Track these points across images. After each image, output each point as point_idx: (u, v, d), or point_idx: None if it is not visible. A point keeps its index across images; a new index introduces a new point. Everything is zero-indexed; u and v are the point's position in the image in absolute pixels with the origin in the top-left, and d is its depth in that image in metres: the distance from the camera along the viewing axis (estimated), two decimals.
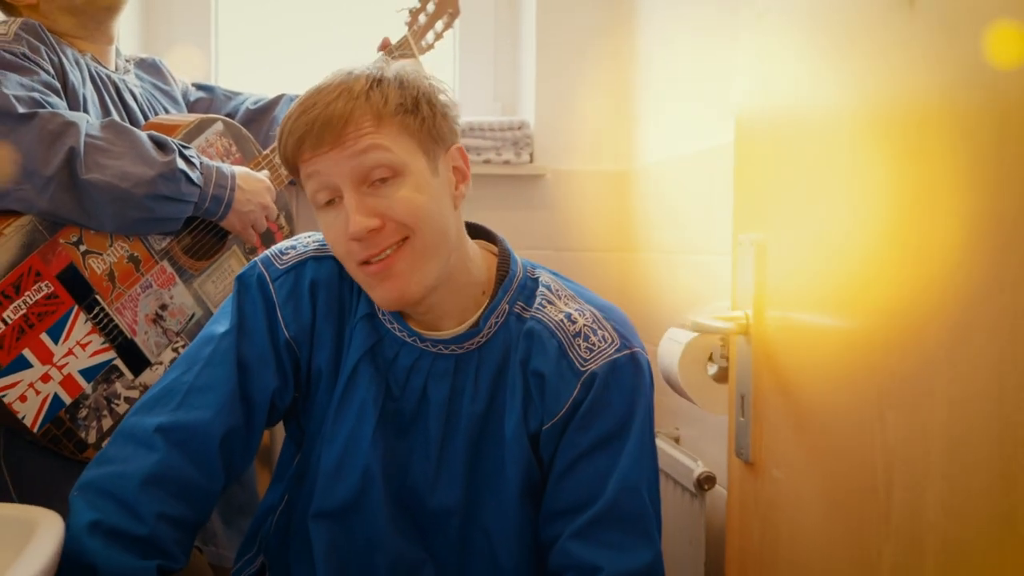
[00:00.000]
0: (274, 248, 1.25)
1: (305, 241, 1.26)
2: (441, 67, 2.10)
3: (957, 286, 0.65)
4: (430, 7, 1.83)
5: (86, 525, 1.05)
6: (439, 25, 1.85)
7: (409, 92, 1.11)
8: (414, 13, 1.83)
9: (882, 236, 0.75)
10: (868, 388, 0.76)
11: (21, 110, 1.29)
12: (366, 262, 1.11)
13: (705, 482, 1.39)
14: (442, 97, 1.15)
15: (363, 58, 1.71)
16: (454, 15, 1.86)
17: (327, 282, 1.23)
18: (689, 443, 1.65)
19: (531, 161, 1.96)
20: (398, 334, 1.21)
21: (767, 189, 0.98)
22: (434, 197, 1.13)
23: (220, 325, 1.21)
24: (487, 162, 1.94)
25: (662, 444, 1.60)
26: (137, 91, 1.59)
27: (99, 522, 1.06)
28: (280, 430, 1.69)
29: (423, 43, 1.82)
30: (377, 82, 1.11)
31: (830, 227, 0.84)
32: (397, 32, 1.81)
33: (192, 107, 1.74)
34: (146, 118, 1.57)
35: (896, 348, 0.72)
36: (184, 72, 1.83)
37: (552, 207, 1.98)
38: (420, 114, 1.11)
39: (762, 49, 1.00)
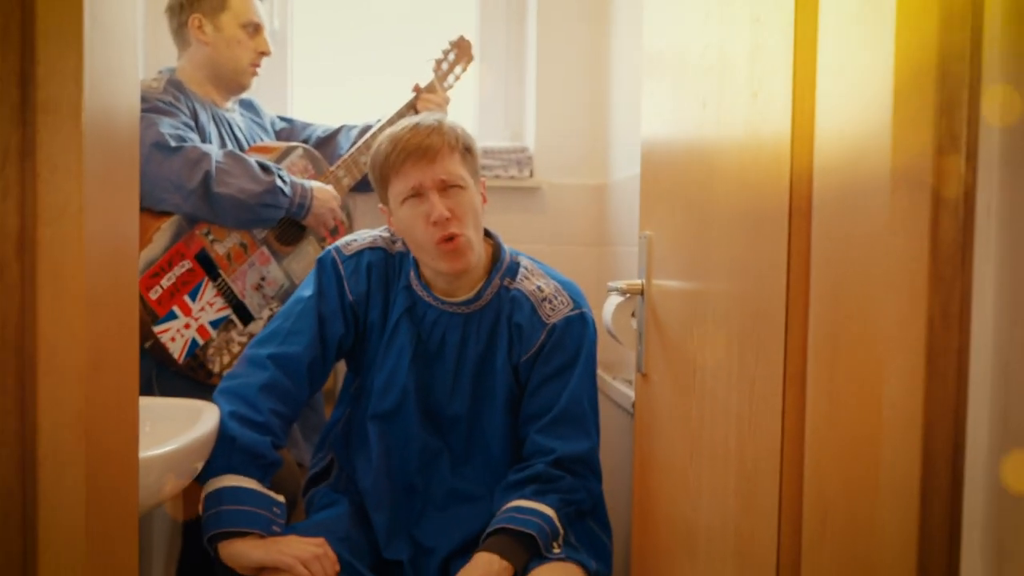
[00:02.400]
0: (342, 240, 1.85)
1: (362, 237, 1.85)
2: (465, 103, 2.66)
3: (724, 264, 1.22)
4: (451, 56, 2.39)
5: (227, 413, 1.65)
6: (458, 70, 2.39)
7: (463, 140, 1.73)
8: (438, 61, 2.38)
9: (691, 231, 1.33)
10: (689, 318, 1.33)
11: (173, 144, 1.90)
12: (447, 240, 1.69)
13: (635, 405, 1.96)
14: (477, 149, 1.78)
15: (400, 93, 2.29)
16: (469, 62, 2.41)
17: (378, 264, 1.82)
18: None
19: (531, 176, 2.53)
20: (427, 299, 1.80)
21: (655, 201, 1.55)
22: (475, 209, 1.73)
23: (307, 290, 1.81)
24: (497, 177, 2.51)
25: (617, 385, 2.18)
26: (242, 125, 2.19)
27: (235, 412, 1.66)
28: (340, 375, 2.27)
29: (445, 84, 2.38)
30: (452, 128, 1.72)
31: (680, 226, 1.41)
32: (423, 76, 2.37)
33: (277, 135, 2.34)
34: (248, 144, 2.17)
35: (699, 296, 1.29)
36: (265, 101, 2.43)
37: (547, 212, 2.55)
38: (471, 154, 1.73)
39: (652, 106, 1.57)
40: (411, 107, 2.30)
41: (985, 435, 0.81)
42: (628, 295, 1.62)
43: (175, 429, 1.51)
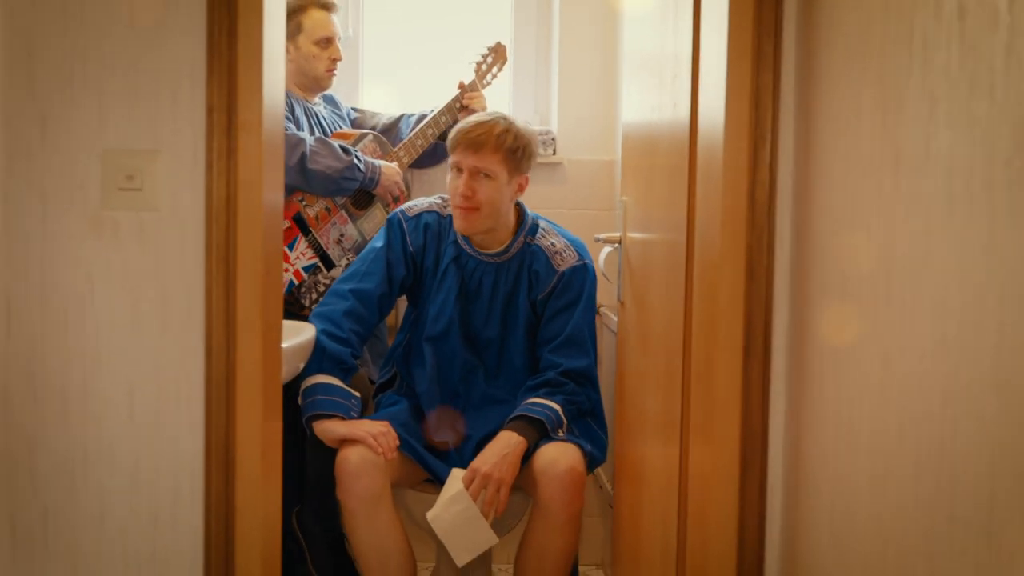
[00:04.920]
0: (406, 205, 2.44)
1: (421, 203, 2.44)
2: (501, 93, 3.21)
3: (660, 220, 1.77)
4: (489, 59, 2.96)
5: (320, 330, 2.26)
6: (495, 70, 2.96)
7: (511, 145, 2.27)
8: (479, 63, 2.95)
9: (645, 197, 1.88)
10: (644, 258, 1.89)
11: None
12: (460, 207, 2.27)
13: None
14: (534, 147, 2.33)
15: (446, 83, 2.85)
16: (504, 63, 2.97)
17: (432, 224, 2.41)
18: None
19: (554, 154, 3.08)
20: (469, 251, 2.38)
21: (629, 173, 2.10)
22: (500, 193, 2.29)
23: (378, 242, 2.41)
24: None
25: (613, 316, 2.75)
26: (325, 115, 2.79)
27: (325, 329, 2.27)
28: (399, 313, 2.87)
29: (484, 82, 2.94)
30: (505, 131, 2.26)
31: (640, 194, 1.96)
32: (466, 72, 2.94)
33: (352, 122, 2.92)
34: (331, 131, 2.77)
35: (649, 243, 1.84)
36: (341, 90, 3.01)
37: (567, 183, 3.10)
38: (516, 156, 2.27)
39: (628, 101, 2.12)
40: (457, 100, 2.86)
41: (786, 314, 1.37)
42: (615, 245, 2.19)
43: (286, 338, 2.11)
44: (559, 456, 2.17)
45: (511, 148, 2.27)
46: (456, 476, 2.16)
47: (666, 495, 1.68)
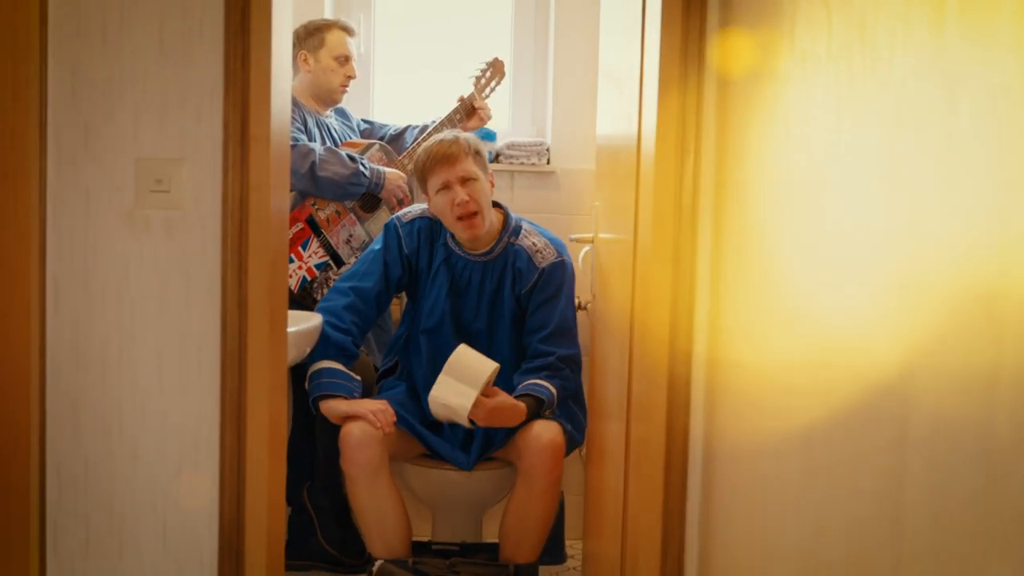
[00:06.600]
0: (401, 211, 2.71)
1: (415, 209, 2.71)
2: (501, 106, 3.47)
3: (620, 221, 2.02)
4: (487, 74, 3.23)
5: (324, 322, 2.53)
6: (493, 84, 3.23)
7: (474, 147, 2.56)
8: (477, 78, 3.21)
9: (610, 201, 2.13)
10: (608, 254, 2.14)
11: (290, 143, 2.77)
12: (460, 219, 2.54)
13: None
14: (484, 151, 2.61)
15: (449, 100, 3.12)
16: (502, 77, 3.23)
17: (425, 228, 2.68)
18: None
19: (548, 163, 3.34)
20: (458, 252, 2.65)
21: (601, 180, 2.36)
22: (486, 193, 2.58)
23: (377, 245, 2.68)
24: (522, 164, 3.33)
25: None
26: (336, 127, 3.07)
27: (329, 321, 2.54)
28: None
29: (483, 95, 3.22)
30: (465, 140, 2.56)
31: (608, 198, 2.21)
32: (466, 86, 3.20)
33: (361, 133, 3.20)
34: (341, 141, 3.04)
35: (613, 242, 2.09)
36: (353, 101, 3.29)
37: (560, 190, 3.36)
38: (480, 155, 2.57)
39: (602, 114, 2.38)
40: (457, 111, 3.13)
41: (707, 301, 1.62)
42: (590, 245, 2.45)
43: (295, 324, 2.38)
44: (543, 430, 2.43)
45: (475, 150, 2.59)
46: (476, 360, 2.40)
47: (616, 468, 1.93)
